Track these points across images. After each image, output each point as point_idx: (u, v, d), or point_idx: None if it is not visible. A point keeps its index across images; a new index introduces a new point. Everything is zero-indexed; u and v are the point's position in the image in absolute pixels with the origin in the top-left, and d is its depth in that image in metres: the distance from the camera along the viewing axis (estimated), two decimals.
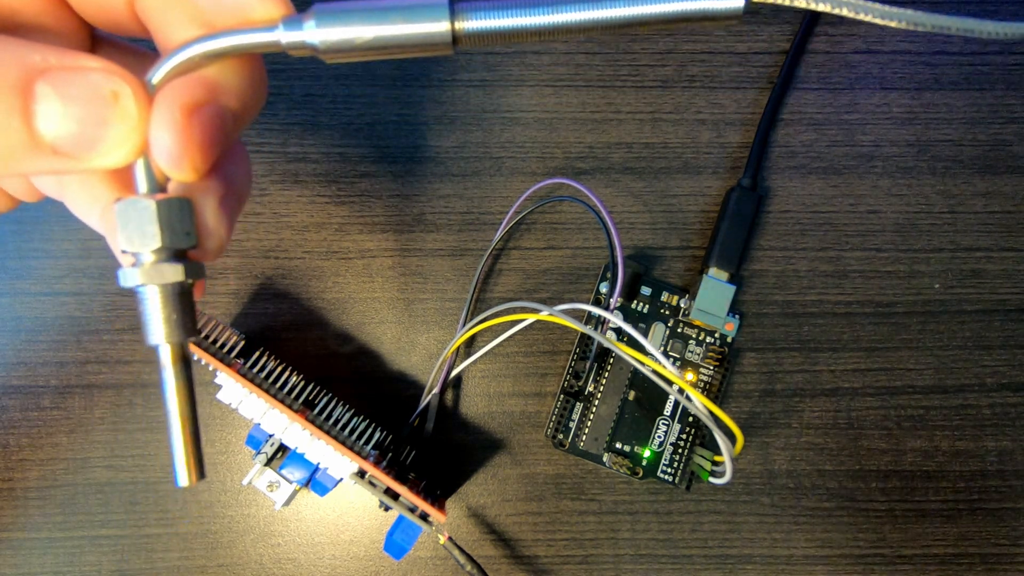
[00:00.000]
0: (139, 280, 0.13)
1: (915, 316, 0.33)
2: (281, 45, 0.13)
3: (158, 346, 0.14)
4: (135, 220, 0.13)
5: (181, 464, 0.14)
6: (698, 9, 0.12)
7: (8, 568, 0.31)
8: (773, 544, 0.32)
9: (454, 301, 0.33)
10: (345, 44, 0.13)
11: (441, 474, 0.32)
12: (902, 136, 0.34)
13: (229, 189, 0.15)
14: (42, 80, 0.12)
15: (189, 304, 0.14)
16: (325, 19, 0.13)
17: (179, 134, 0.13)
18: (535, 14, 0.13)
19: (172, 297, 0.14)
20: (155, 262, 0.13)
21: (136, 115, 0.12)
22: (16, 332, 0.32)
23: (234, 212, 0.16)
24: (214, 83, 0.14)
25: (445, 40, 0.13)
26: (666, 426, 0.32)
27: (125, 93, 0.12)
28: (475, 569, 0.28)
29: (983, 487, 0.32)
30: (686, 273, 0.33)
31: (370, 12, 0.13)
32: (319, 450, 0.27)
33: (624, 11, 0.12)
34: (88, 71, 0.12)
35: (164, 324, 0.14)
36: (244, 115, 0.15)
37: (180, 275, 0.14)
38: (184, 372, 0.14)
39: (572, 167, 0.33)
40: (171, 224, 0.13)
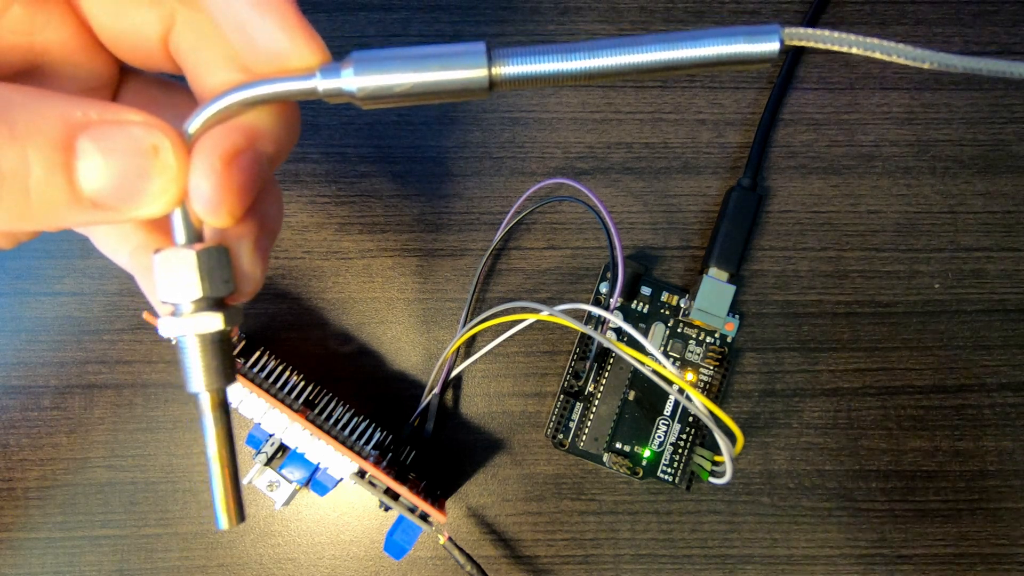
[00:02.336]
0: (180, 331, 0.13)
1: (915, 316, 0.33)
2: (318, 92, 0.13)
3: (198, 394, 0.14)
4: (176, 271, 0.13)
5: (221, 507, 0.14)
6: (734, 53, 0.12)
7: (8, 568, 0.31)
8: (773, 544, 0.32)
9: (454, 301, 0.33)
10: (383, 91, 0.13)
11: (441, 474, 0.32)
12: (902, 136, 0.34)
13: (263, 229, 0.15)
14: (84, 135, 0.12)
15: (227, 351, 0.14)
16: (363, 67, 0.12)
17: (218, 182, 0.13)
18: (572, 59, 0.13)
19: (212, 345, 0.14)
20: (195, 311, 0.13)
21: (175, 167, 0.12)
22: (16, 332, 0.32)
23: (267, 250, 0.16)
24: (251, 129, 0.14)
25: (482, 86, 0.13)
26: (666, 426, 0.32)
27: (164, 146, 0.12)
28: (475, 569, 0.28)
29: (983, 487, 0.32)
30: (686, 273, 0.33)
31: (408, 60, 0.13)
32: (319, 450, 0.27)
33: (659, 55, 0.12)
34: (129, 125, 0.12)
35: (204, 372, 0.14)
36: (279, 156, 0.15)
37: (220, 324, 0.14)
38: (223, 418, 0.14)
39: (572, 167, 0.33)
40: (211, 273, 0.13)
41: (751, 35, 0.12)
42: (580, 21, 0.34)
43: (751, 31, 0.12)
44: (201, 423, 0.14)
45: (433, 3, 0.34)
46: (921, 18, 0.35)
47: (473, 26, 0.34)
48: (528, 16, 0.34)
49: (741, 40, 0.12)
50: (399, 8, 0.34)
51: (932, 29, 0.35)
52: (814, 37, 0.12)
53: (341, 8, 0.34)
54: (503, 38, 0.34)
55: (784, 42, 0.12)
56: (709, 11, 0.34)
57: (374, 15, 0.34)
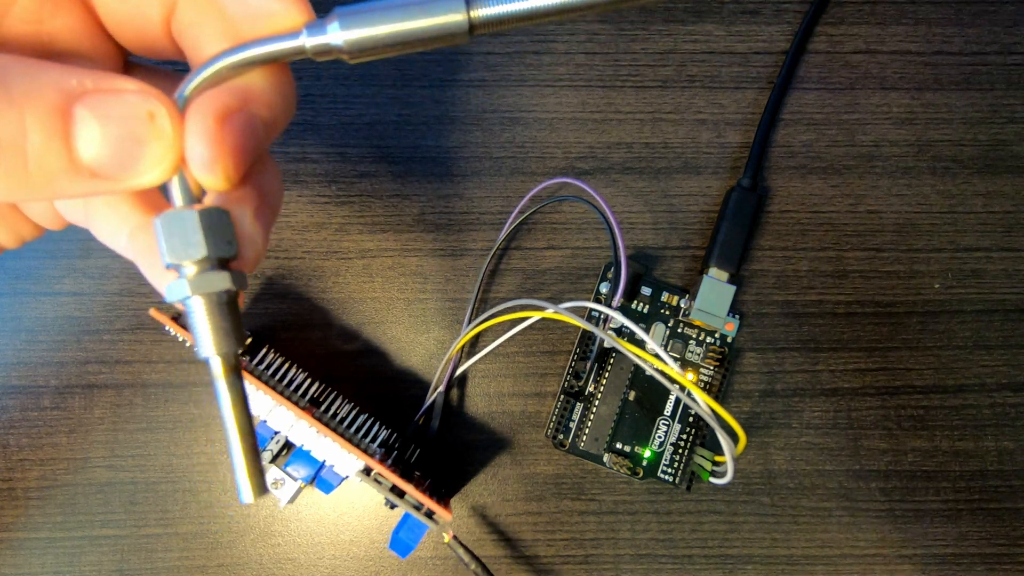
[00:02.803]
0: (187, 291, 0.13)
1: (915, 316, 0.33)
2: (306, 50, 0.13)
3: (209, 359, 0.14)
4: (178, 231, 0.13)
5: (244, 479, 0.13)
6: None
7: (8, 568, 0.31)
8: (773, 544, 0.32)
9: (454, 301, 0.33)
10: (368, 42, 0.13)
11: (445, 473, 0.32)
12: (902, 136, 0.34)
13: (263, 200, 0.16)
14: (80, 103, 0.12)
15: (236, 314, 0.14)
16: (348, 21, 0.13)
17: (212, 141, 0.13)
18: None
19: (220, 306, 0.14)
20: (200, 272, 0.13)
21: (171, 133, 0.12)
22: (16, 332, 0.32)
23: (268, 223, 0.16)
24: (244, 92, 0.14)
25: (463, 29, 0.13)
26: (666, 426, 0.32)
27: (160, 113, 0.12)
28: (479, 568, 0.28)
29: (983, 487, 0.32)
30: (686, 273, 0.33)
31: (389, 10, 0.13)
32: (325, 447, 0.27)
33: None
34: (124, 92, 0.12)
35: (214, 335, 0.13)
36: (275, 124, 0.15)
37: (227, 283, 0.14)
38: (237, 384, 0.14)
39: (572, 167, 0.33)
40: (214, 232, 0.13)
41: None
42: (580, 21, 0.34)
43: None
44: (215, 390, 0.14)
45: None
46: (921, 18, 0.35)
47: None
48: None
49: None
50: None
51: (932, 29, 0.35)
52: None
53: None
54: (504, 38, 0.34)
55: None
56: (709, 11, 0.34)
57: None
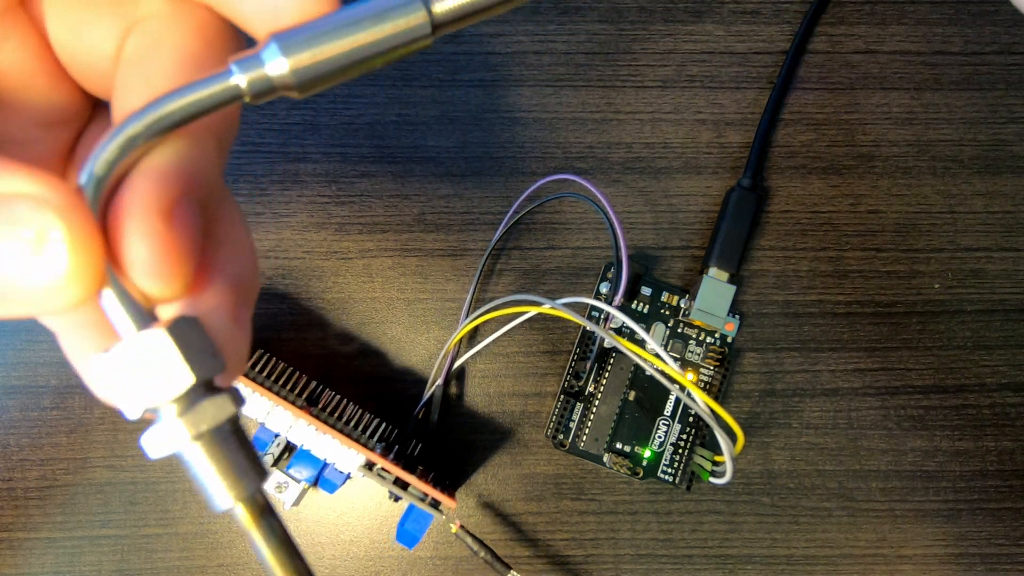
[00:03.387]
0: (183, 440, 0.10)
1: (915, 316, 0.33)
2: (243, 90, 0.10)
3: (232, 509, 0.11)
4: (145, 365, 0.10)
5: None
6: None
7: (8, 568, 0.31)
8: (773, 544, 0.32)
9: (454, 301, 0.33)
10: (321, 68, 0.10)
11: (447, 466, 0.32)
12: (902, 136, 0.34)
13: (236, 290, 0.12)
14: None
15: (244, 440, 0.11)
16: (289, 44, 0.10)
17: (161, 247, 0.10)
18: None
19: (227, 440, 0.10)
20: (187, 407, 0.10)
21: (68, 262, 0.09)
22: (16, 332, 0.32)
23: (247, 314, 0.13)
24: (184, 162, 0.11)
25: (426, 32, 0.11)
26: (666, 426, 0.32)
27: (54, 236, 0.09)
28: (488, 554, 0.28)
29: (983, 487, 0.32)
30: (686, 273, 0.33)
31: (338, 26, 0.10)
32: (326, 445, 0.27)
33: None
34: (13, 200, 0.09)
35: (228, 478, 0.10)
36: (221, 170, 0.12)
37: (230, 408, 0.11)
38: (273, 524, 0.11)
39: (572, 167, 0.33)
40: (192, 350, 0.10)
41: None
42: (580, 21, 0.34)
43: None
44: (251, 542, 0.11)
45: None
46: (921, 18, 0.35)
47: (473, 26, 0.34)
48: (528, 16, 0.34)
49: None
50: None
51: (932, 29, 0.35)
52: None
53: None
54: (504, 38, 0.34)
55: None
56: (709, 11, 0.34)
57: None
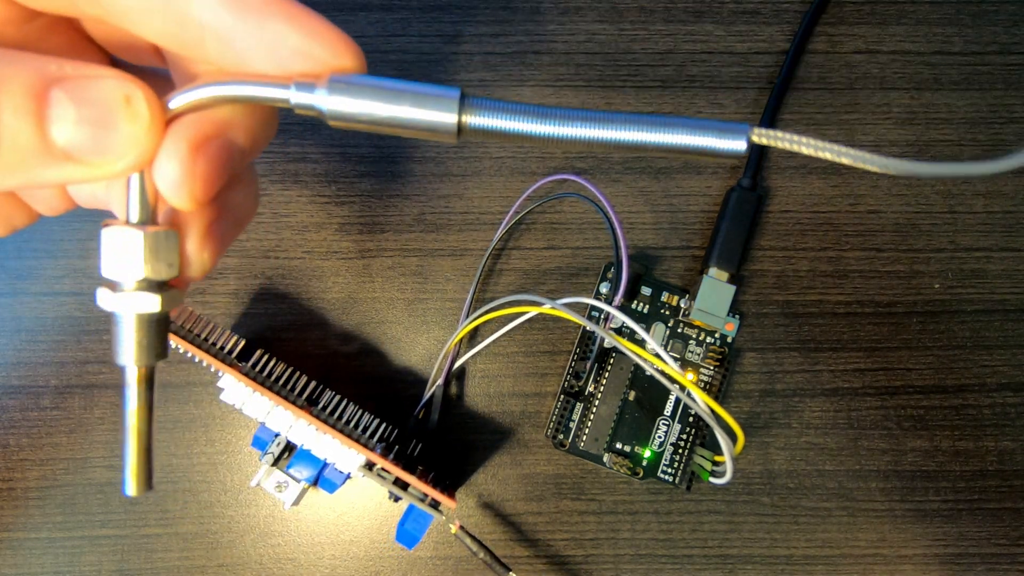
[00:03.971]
0: (117, 307, 0.14)
1: (915, 316, 0.33)
2: (290, 103, 0.13)
3: (125, 367, 0.14)
4: (120, 249, 0.13)
5: (131, 475, 0.14)
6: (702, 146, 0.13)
7: (8, 568, 0.31)
8: (773, 544, 0.32)
9: (454, 301, 0.33)
10: (351, 116, 0.13)
11: (447, 466, 0.32)
12: (902, 136, 0.34)
13: (224, 214, 0.15)
14: (58, 87, 0.12)
15: (163, 330, 0.14)
16: (337, 89, 0.13)
17: (184, 167, 0.13)
18: (542, 123, 0.13)
19: (147, 324, 0.14)
20: (134, 290, 0.14)
21: (147, 116, 0.12)
22: (16, 332, 0.32)
23: (227, 238, 0.16)
24: (225, 120, 0.14)
25: (450, 131, 0.13)
26: (666, 426, 0.32)
27: (136, 96, 0.12)
28: (487, 555, 0.28)
29: (983, 487, 0.32)
30: (686, 273, 0.33)
31: (382, 91, 0.13)
32: (326, 445, 0.27)
33: (628, 136, 0.13)
34: (102, 77, 0.12)
35: (135, 347, 0.14)
36: (252, 150, 0.15)
37: (157, 306, 0.14)
38: (146, 393, 0.14)
39: (572, 167, 0.33)
40: (156, 256, 0.14)
41: (722, 131, 0.13)
42: (580, 21, 0.34)
43: (722, 127, 0.13)
44: (123, 393, 0.14)
45: (433, 3, 0.34)
46: (921, 18, 0.35)
47: (473, 26, 0.34)
48: (528, 16, 0.34)
49: (712, 135, 0.13)
50: (399, 8, 0.34)
51: (932, 29, 0.35)
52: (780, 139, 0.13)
53: (341, 9, 0.34)
54: (504, 38, 0.34)
55: (751, 141, 0.13)
56: (709, 11, 0.34)
57: (374, 15, 0.34)
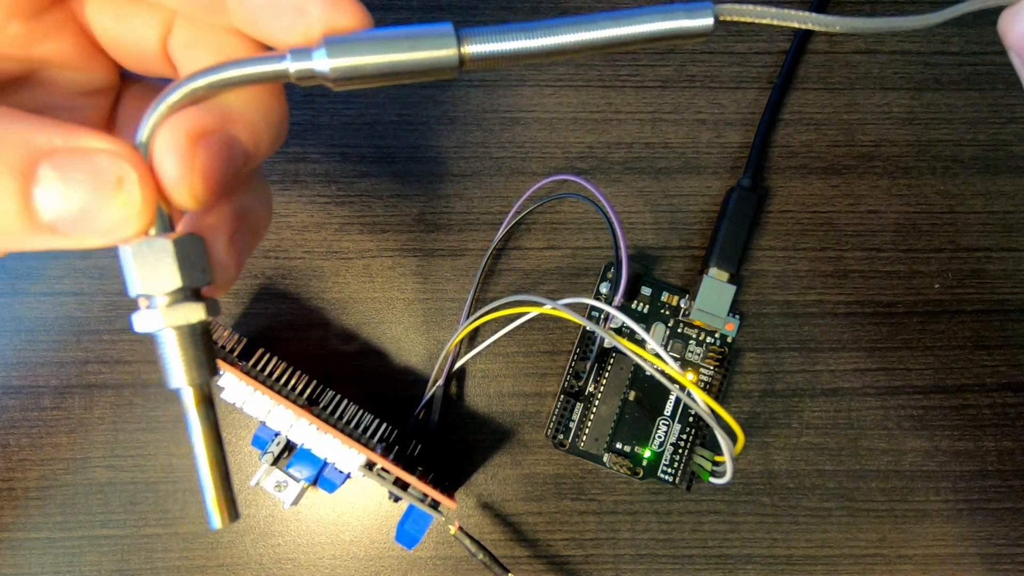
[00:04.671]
0: (160, 324, 0.13)
1: (915, 316, 0.33)
2: (289, 74, 0.13)
3: (180, 389, 0.13)
4: (149, 261, 0.13)
5: (213, 507, 0.13)
6: (675, 27, 0.14)
7: (8, 568, 0.31)
8: (773, 544, 0.32)
9: (454, 301, 0.33)
10: (354, 71, 0.13)
11: (447, 467, 0.32)
12: (902, 136, 0.34)
13: (241, 224, 0.15)
14: (46, 161, 0.12)
15: (209, 342, 0.14)
16: (335, 48, 0.13)
17: (182, 161, 0.13)
18: (532, 38, 0.14)
19: (193, 337, 0.13)
20: (172, 303, 0.13)
21: (139, 201, 0.12)
22: (16, 332, 0.32)
23: (246, 247, 0.15)
24: (225, 113, 0.14)
25: (452, 64, 0.13)
26: (666, 426, 0.32)
27: (130, 178, 0.12)
28: (486, 557, 0.28)
29: (983, 487, 0.32)
30: (686, 273, 0.33)
31: (378, 40, 0.13)
32: (326, 444, 0.27)
33: (609, 33, 0.14)
34: (93, 153, 0.12)
35: (186, 366, 0.13)
36: (258, 148, 0.14)
37: (202, 314, 0.13)
38: (209, 413, 0.13)
39: (572, 167, 0.33)
40: (188, 262, 0.13)
41: (689, 11, 0.14)
42: None
43: (688, 8, 0.14)
44: (186, 420, 0.13)
45: (433, 3, 0.34)
46: None
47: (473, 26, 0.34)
48: (528, 16, 0.34)
49: (681, 16, 0.14)
50: (399, 8, 0.34)
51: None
52: (745, 12, 0.14)
53: None
54: None
55: (717, 18, 0.14)
56: None
57: (374, 15, 0.33)
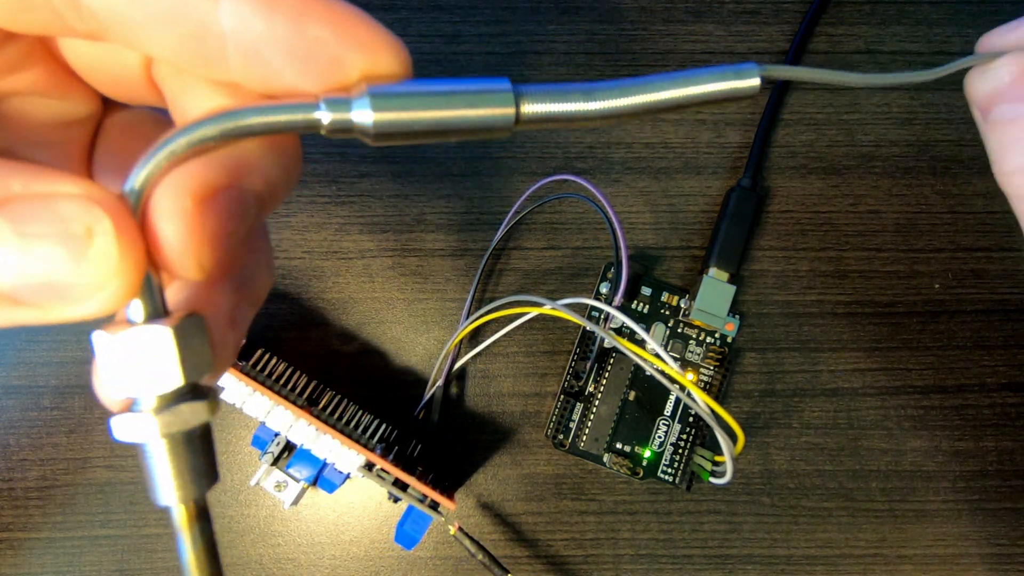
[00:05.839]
0: (153, 433, 0.10)
1: (915, 316, 0.33)
2: (322, 125, 0.11)
3: (171, 508, 0.11)
4: (142, 356, 0.10)
5: None
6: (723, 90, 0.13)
7: (8, 568, 0.31)
8: (773, 544, 0.32)
9: (454, 301, 0.33)
10: (401, 127, 0.11)
11: (447, 467, 0.32)
12: (902, 136, 0.34)
13: (244, 295, 0.13)
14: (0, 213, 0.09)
15: (209, 445, 0.11)
16: (380, 101, 0.11)
17: (187, 226, 0.10)
18: (591, 102, 0.12)
19: (191, 443, 0.11)
20: (167, 405, 0.10)
21: (115, 255, 0.09)
22: (16, 332, 0.32)
23: (247, 322, 0.13)
24: (238, 161, 0.11)
25: (508, 125, 0.12)
26: (666, 426, 0.32)
27: (102, 228, 0.09)
28: (486, 557, 0.28)
29: (983, 487, 0.32)
30: (686, 273, 0.33)
31: (430, 94, 0.11)
32: (326, 445, 0.27)
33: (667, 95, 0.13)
34: (57, 199, 0.09)
35: (179, 479, 0.11)
36: (271, 199, 0.12)
37: (204, 414, 0.11)
38: (204, 529, 0.11)
39: (572, 167, 0.33)
40: (191, 352, 0.11)
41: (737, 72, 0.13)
42: (580, 21, 0.34)
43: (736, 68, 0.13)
44: (177, 542, 0.11)
45: (433, 3, 0.34)
46: (921, 18, 0.35)
47: (473, 26, 0.34)
48: (528, 16, 0.34)
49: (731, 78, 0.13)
50: (399, 8, 0.34)
51: (932, 29, 0.35)
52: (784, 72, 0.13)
53: None
54: (504, 38, 0.34)
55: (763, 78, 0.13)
56: (709, 11, 0.34)
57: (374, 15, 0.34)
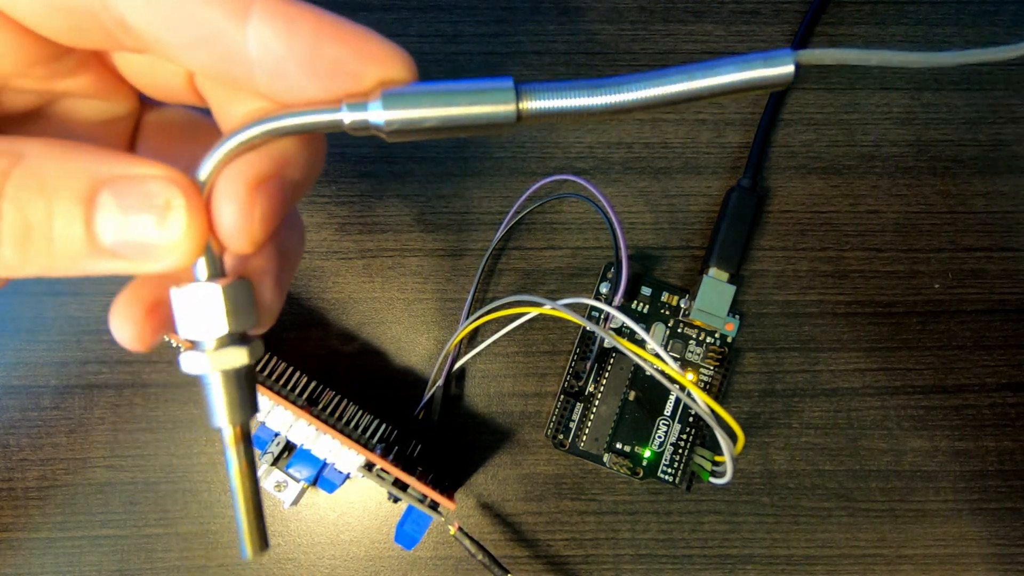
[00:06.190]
0: (205, 368, 0.13)
1: (915, 316, 0.33)
2: (344, 125, 0.13)
3: (222, 429, 0.14)
4: (199, 307, 0.13)
5: (246, 538, 0.14)
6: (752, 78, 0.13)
7: (8, 568, 0.31)
8: (773, 544, 0.32)
9: (454, 301, 0.33)
10: (410, 125, 0.13)
11: (447, 467, 0.32)
12: (902, 136, 0.34)
13: (283, 261, 0.16)
14: (105, 189, 0.12)
15: (252, 384, 0.14)
16: (391, 101, 0.13)
17: (244, 209, 0.13)
18: (597, 95, 0.13)
19: (237, 380, 0.14)
20: (219, 347, 0.13)
21: (185, 222, 0.12)
22: (16, 332, 0.32)
23: (287, 284, 0.16)
24: (280, 156, 0.14)
25: (510, 120, 0.13)
26: (666, 426, 0.32)
27: (177, 203, 0.12)
28: (486, 557, 0.28)
29: (983, 487, 0.32)
30: (686, 273, 0.33)
31: (436, 95, 0.13)
32: (326, 445, 0.27)
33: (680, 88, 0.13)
34: (146, 179, 0.12)
35: (228, 407, 0.14)
36: (304, 185, 0.15)
37: (246, 359, 0.13)
38: (247, 450, 0.14)
39: (572, 167, 0.33)
40: (237, 309, 0.13)
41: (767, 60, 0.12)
42: (580, 21, 0.34)
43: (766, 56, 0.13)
44: (225, 456, 0.14)
45: (433, 3, 0.34)
46: (921, 18, 0.35)
47: (473, 26, 0.34)
48: (528, 16, 0.34)
49: (759, 66, 0.12)
50: (399, 8, 0.34)
51: (932, 29, 0.35)
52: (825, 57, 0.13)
53: (341, 9, 0.34)
54: (504, 38, 0.34)
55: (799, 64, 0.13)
56: (709, 11, 0.34)
57: (374, 15, 0.34)
